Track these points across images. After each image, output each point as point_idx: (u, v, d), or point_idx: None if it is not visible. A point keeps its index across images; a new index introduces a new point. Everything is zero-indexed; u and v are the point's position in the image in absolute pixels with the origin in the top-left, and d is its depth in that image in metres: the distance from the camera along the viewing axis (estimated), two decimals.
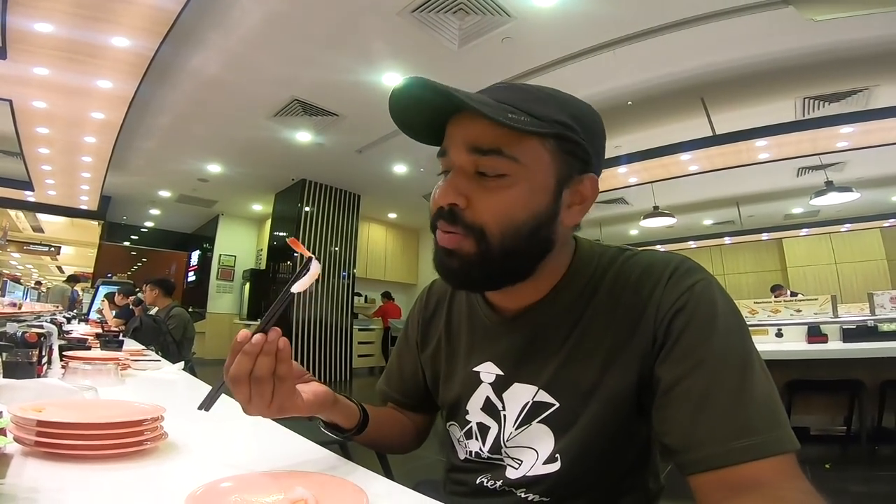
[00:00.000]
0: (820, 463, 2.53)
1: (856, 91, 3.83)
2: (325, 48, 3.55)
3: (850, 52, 3.32)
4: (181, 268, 9.45)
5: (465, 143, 0.55)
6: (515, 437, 0.63)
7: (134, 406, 0.79)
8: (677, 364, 0.51)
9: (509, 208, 0.54)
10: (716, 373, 0.49)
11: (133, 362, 1.55)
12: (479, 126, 0.54)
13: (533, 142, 0.54)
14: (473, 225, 0.55)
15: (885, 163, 5.10)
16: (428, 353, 0.77)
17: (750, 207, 7.17)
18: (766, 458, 0.45)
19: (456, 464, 0.72)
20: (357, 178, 6.67)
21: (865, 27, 3.01)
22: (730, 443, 0.45)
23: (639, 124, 4.42)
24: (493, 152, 0.54)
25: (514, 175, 0.54)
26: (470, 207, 0.55)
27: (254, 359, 0.52)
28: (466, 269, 0.56)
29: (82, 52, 3.30)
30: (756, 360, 0.50)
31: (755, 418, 0.46)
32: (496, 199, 0.54)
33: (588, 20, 3.09)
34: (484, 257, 0.55)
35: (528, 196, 0.55)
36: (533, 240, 0.56)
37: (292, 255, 6.86)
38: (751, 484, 0.44)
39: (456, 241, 0.56)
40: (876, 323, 3.03)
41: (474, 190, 0.55)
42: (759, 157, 4.57)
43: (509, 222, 0.54)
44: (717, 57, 3.48)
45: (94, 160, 5.52)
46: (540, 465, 0.61)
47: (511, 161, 0.54)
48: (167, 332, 3.11)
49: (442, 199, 0.56)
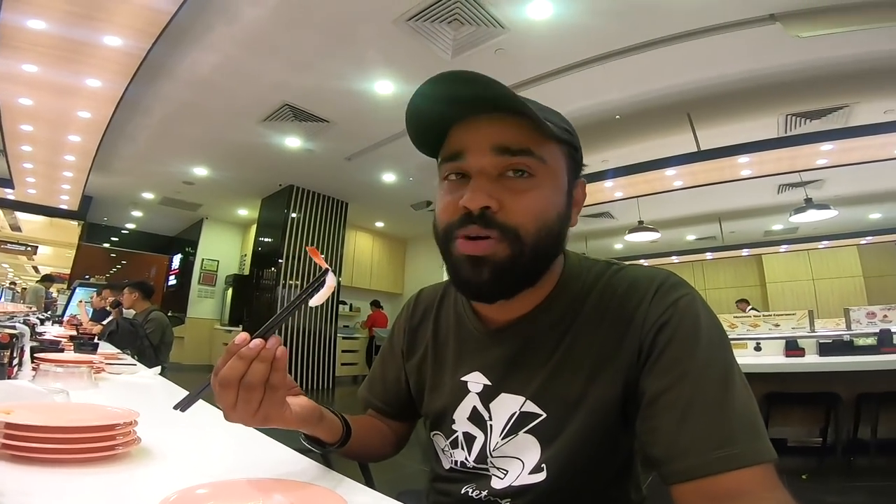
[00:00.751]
0: (797, 474, 2.57)
1: (837, 108, 3.94)
2: (319, 54, 3.55)
3: (832, 69, 3.43)
4: (162, 271, 9.29)
5: (490, 144, 0.55)
6: (502, 447, 0.63)
7: (106, 410, 0.76)
8: (662, 376, 0.52)
9: (542, 208, 0.56)
10: (698, 385, 0.50)
11: (108, 366, 1.51)
12: (509, 127, 0.55)
13: (553, 145, 0.57)
14: (508, 226, 0.54)
15: (863, 181, 5.26)
16: (414, 361, 0.77)
17: (731, 223, 7.33)
18: (746, 468, 0.45)
19: (440, 473, 0.71)
20: (345, 185, 6.66)
21: (847, 44, 3.11)
22: (711, 453, 0.46)
23: (626, 139, 4.50)
24: (524, 153, 0.55)
25: (541, 176, 0.56)
26: (502, 209, 0.54)
27: (248, 363, 0.51)
28: (498, 276, 0.55)
29: (73, 51, 3.27)
30: (737, 373, 0.51)
31: (735, 430, 0.47)
32: (528, 199, 0.55)
33: (579, 34, 3.15)
34: (516, 261, 0.55)
35: (554, 196, 0.57)
36: (559, 239, 0.58)
37: (277, 262, 6.79)
38: (731, 494, 0.45)
39: (489, 246, 0.54)
40: (852, 337, 3.11)
41: (502, 192, 0.55)
42: (742, 174, 4.68)
43: (543, 222, 0.55)
44: (704, 73, 3.57)
45: (77, 159, 5.42)
46: (526, 475, 0.61)
47: (539, 162, 0.56)
48: (144, 336, 3.04)
49: (473, 203, 0.54)
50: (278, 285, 6.66)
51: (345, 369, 7.72)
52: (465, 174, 0.57)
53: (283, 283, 6.68)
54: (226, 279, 8.82)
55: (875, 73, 3.40)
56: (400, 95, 3.98)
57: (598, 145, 4.55)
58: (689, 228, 7.79)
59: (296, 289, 6.76)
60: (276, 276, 6.77)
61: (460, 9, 2.98)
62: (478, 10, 2.98)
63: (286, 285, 6.68)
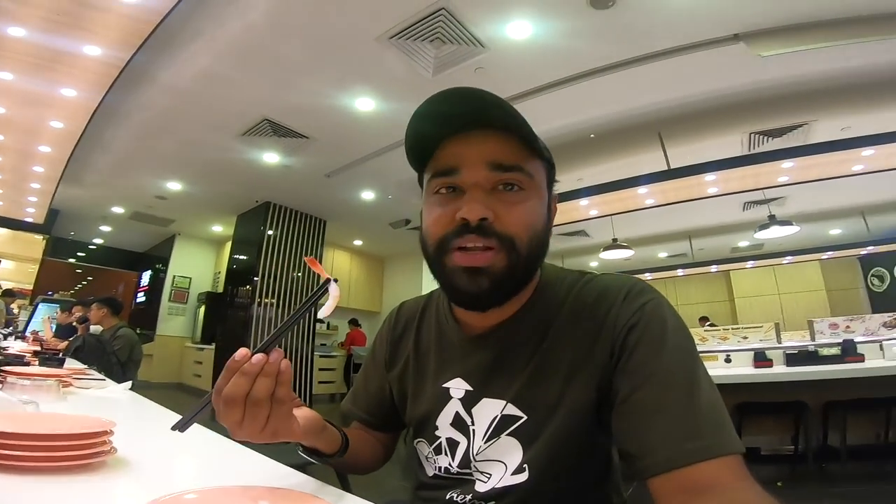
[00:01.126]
0: (772, 482, 2.62)
1: (796, 126, 4.12)
2: (301, 69, 3.56)
3: (791, 88, 3.61)
4: (130, 288, 8.99)
5: (484, 160, 0.59)
6: (484, 451, 0.64)
7: (81, 419, 0.74)
8: (632, 376, 0.55)
9: (532, 218, 0.60)
10: (666, 384, 0.53)
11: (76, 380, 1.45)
12: (502, 144, 0.59)
13: (538, 161, 0.63)
14: (504, 236, 0.58)
15: (823, 197, 5.53)
16: (396, 371, 0.78)
17: (701, 241, 7.58)
18: (714, 458, 0.48)
19: (424, 481, 0.72)
20: (324, 203, 6.60)
21: (805, 63, 3.27)
22: (680, 446, 0.49)
23: (601, 157, 4.61)
24: (515, 168, 0.60)
25: (529, 189, 0.61)
26: (498, 220, 0.58)
27: (252, 379, 0.50)
28: (497, 286, 0.59)
29: (51, 59, 3.19)
30: (702, 371, 0.55)
31: (702, 423, 0.50)
32: (519, 210, 0.59)
33: (556, 54, 3.26)
34: (513, 269, 0.59)
35: (541, 208, 0.62)
36: (545, 247, 0.63)
37: (252, 280, 6.65)
38: (703, 484, 0.47)
39: (488, 257, 0.58)
40: (816, 348, 3.24)
41: (497, 204, 0.59)
42: (709, 192, 4.85)
43: (533, 231, 0.60)
44: (673, 93, 3.72)
45: (46, 171, 5.22)
46: (508, 477, 0.62)
47: (528, 177, 0.61)
48: (112, 353, 2.94)
49: (472, 215, 0.57)
50: (253, 303, 6.50)
51: (322, 387, 7.56)
52: (456, 188, 0.60)
53: (259, 301, 6.54)
54: (198, 297, 8.59)
55: (831, 91, 3.59)
56: (381, 112, 4.00)
57: (574, 164, 4.66)
58: (661, 246, 8.01)
59: (271, 307, 6.63)
60: (251, 295, 6.61)
61: (442, 27, 3.05)
62: (459, 30, 3.06)
63: (262, 304, 6.54)
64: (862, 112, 3.81)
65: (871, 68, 3.33)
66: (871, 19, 2.79)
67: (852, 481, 2.67)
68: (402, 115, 4.01)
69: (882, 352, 3.15)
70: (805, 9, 2.79)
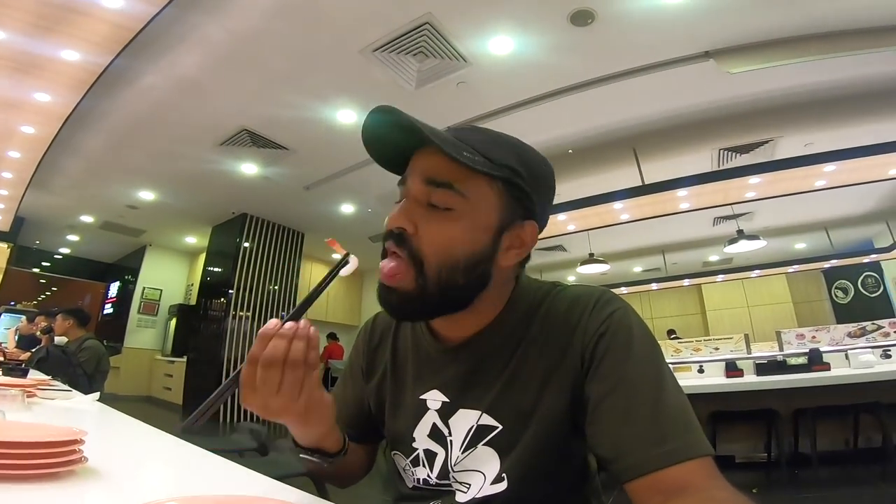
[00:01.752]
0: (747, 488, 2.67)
1: (762, 142, 4.29)
2: (283, 80, 3.55)
3: (757, 105, 3.77)
4: (97, 299, 8.68)
5: (422, 174, 0.59)
6: (462, 461, 0.64)
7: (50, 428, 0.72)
8: (602, 383, 0.56)
9: (450, 242, 0.58)
10: (634, 389, 0.54)
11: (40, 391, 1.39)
12: (437, 160, 0.58)
13: (482, 181, 0.58)
14: (415, 255, 0.58)
15: (788, 212, 5.74)
16: (373, 383, 0.77)
17: (674, 255, 7.77)
18: (684, 461, 0.49)
19: (404, 492, 0.71)
20: (302, 215, 6.54)
21: (771, 79, 3.42)
22: (651, 450, 0.50)
23: (578, 172, 4.71)
24: (445, 186, 0.58)
25: (460, 210, 0.58)
26: (416, 235, 0.58)
27: (289, 342, 0.51)
28: (405, 303, 0.59)
29: (26, 63, 3.10)
30: (668, 376, 0.56)
31: (670, 427, 0.51)
32: (439, 230, 0.58)
33: (537, 70, 3.34)
34: (422, 291, 0.58)
35: (470, 232, 0.58)
36: (470, 274, 0.59)
37: (227, 293, 6.50)
38: (676, 486, 0.48)
39: (397, 275, 0.58)
40: (784, 358, 3.36)
41: (422, 218, 0.58)
42: (681, 207, 4.98)
43: (447, 257, 0.58)
44: (647, 109, 3.84)
45: (13, 177, 5.03)
46: (488, 486, 0.62)
47: (459, 196, 0.57)
48: (77, 365, 2.82)
49: (392, 223, 0.59)
50: (227, 317, 6.35)
51: None
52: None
53: (234, 314, 6.39)
54: (169, 309, 8.34)
55: (795, 107, 3.77)
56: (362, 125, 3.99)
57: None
58: (636, 260, 8.18)
59: (246, 320, 6.49)
60: (225, 308, 6.46)
61: (426, 42, 3.10)
62: (443, 44, 3.12)
63: (237, 317, 6.39)
64: (824, 128, 3.99)
65: (833, 84, 3.51)
66: (835, 35, 2.94)
67: (824, 487, 2.74)
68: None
69: (847, 360, 3.27)
70: (771, 26, 2.93)
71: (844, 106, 3.70)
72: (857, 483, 2.85)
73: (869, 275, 7.54)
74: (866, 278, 7.58)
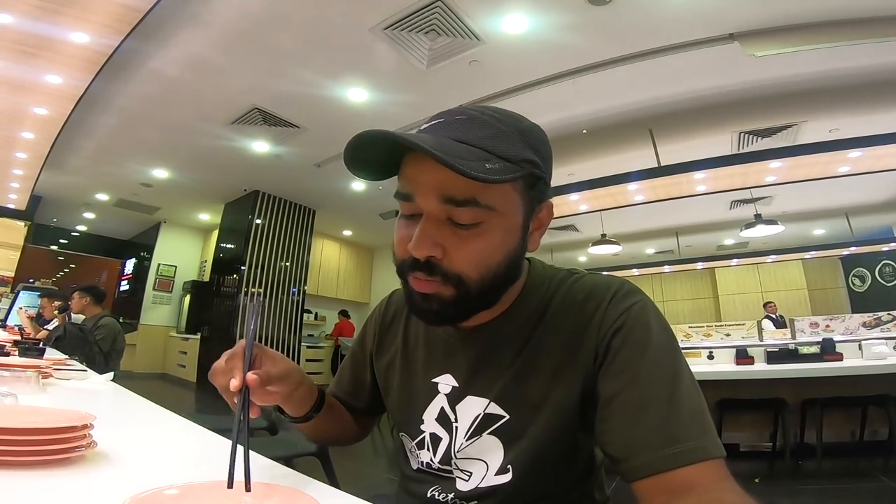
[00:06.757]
0: (750, 477, 2.68)
1: (785, 126, 4.17)
2: (294, 58, 3.51)
3: (782, 88, 3.64)
4: (113, 276, 8.83)
5: (435, 191, 0.53)
6: (466, 449, 0.64)
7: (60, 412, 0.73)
8: (615, 378, 0.55)
9: (487, 255, 0.55)
10: (648, 387, 0.53)
11: (56, 371, 1.42)
12: (450, 176, 0.49)
13: (506, 187, 0.55)
14: (451, 274, 0.55)
15: (808, 198, 5.60)
16: (383, 362, 0.78)
17: (687, 238, 7.65)
18: (695, 463, 0.48)
19: (408, 473, 0.72)
20: (313, 192, 6.56)
21: (797, 64, 3.31)
22: (661, 450, 0.49)
23: (592, 153, 4.63)
24: (469, 203, 0.53)
25: (490, 222, 0.54)
26: (447, 257, 0.55)
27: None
28: (444, 310, 0.58)
29: (36, 46, 3.12)
30: (685, 374, 0.54)
31: (683, 428, 0.50)
32: (472, 247, 0.55)
33: (551, 49, 3.25)
34: (461, 300, 0.56)
35: (504, 239, 0.56)
36: (507, 275, 0.58)
37: (239, 269, 6.59)
38: (685, 487, 0.47)
39: (434, 287, 0.56)
40: (796, 346, 3.31)
41: (448, 238, 0.55)
42: (697, 190, 4.89)
43: (486, 268, 0.56)
44: (666, 90, 3.73)
45: (28, 157, 5.12)
46: (492, 476, 0.62)
47: (486, 210, 0.54)
48: (94, 343, 2.88)
49: (418, 252, 0.54)
50: (240, 293, 6.46)
51: None
52: (414, 214, 0.57)
53: (246, 290, 6.49)
54: (183, 285, 8.48)
55: (822, 92, 3.63)
56: (374, 103, 3.97)
57: (566, 159, 4.67)
58: (648, 242, 8.08)
59: (258, 297, 6.58)
60: (237, 284, 6.57)
61: (438, 19, 3.02)
62: (455, 22, 3.04)
63: (249, 293, 6.50)
64: (851, 114, 3.86)
65: (861, 70, 3.38)
66: (865, 21, 2.82)
67: (827, 478, 2.72)
68: (395, 107, 4.02)
69: (860, 351, 3.21)
70: (799, 10, 2.82)
71: (872, 92, 3.55)
72: (859, 476, 2.84)
73: (887, 263, 7.38)
74: (884, 266, 7.42)
